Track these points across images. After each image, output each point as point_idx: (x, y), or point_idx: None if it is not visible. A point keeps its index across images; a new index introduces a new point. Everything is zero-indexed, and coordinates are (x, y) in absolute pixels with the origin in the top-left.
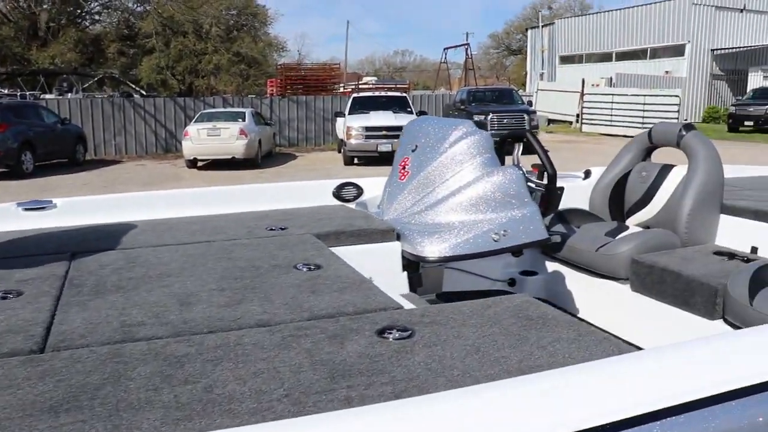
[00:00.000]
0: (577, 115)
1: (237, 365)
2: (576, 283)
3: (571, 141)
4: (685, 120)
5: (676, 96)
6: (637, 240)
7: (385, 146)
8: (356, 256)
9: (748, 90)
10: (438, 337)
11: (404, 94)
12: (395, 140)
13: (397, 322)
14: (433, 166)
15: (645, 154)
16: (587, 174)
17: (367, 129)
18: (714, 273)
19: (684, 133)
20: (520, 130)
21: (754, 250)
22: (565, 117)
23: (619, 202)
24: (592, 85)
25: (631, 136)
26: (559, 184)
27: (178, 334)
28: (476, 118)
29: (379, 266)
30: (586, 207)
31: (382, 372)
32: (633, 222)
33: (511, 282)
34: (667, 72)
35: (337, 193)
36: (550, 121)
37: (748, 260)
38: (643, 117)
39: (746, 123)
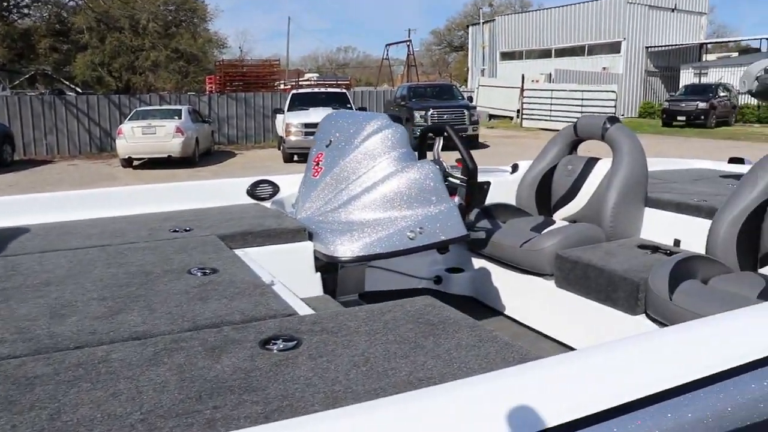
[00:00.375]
0: (518, 111)
1: (95, 386)
2: (502, 279)
3: (512, 136)
4: (622, 115)
5: (613, 91)
6: (562, 235)
7: None
8: (265, 258)
9: (680, 86)
10: (326, 347)
11: (344, 91)
12: None
13: (285, 330)
14: (346, 162)
15: (571, 148)
16: (515, 168)
17: (306, 126)
18: (636, 267)
19: (608, 126)
20: (440, 125)
21: (676, 242)
22: (506, 112)
23: (545, 196)
24: (532, 81)
25: None
26: (486, 178)
27: (39, 351)
28: (416, 114)
29: (290, 267)
30: (513, 202)
31: (256, 389)
32: (560, 216)
33: (437, 280)
34: (604, 68)
35: (252, 192)
36: (491, 117)
37: (670, 253)
38: (581, 112)
39: (679, 118)
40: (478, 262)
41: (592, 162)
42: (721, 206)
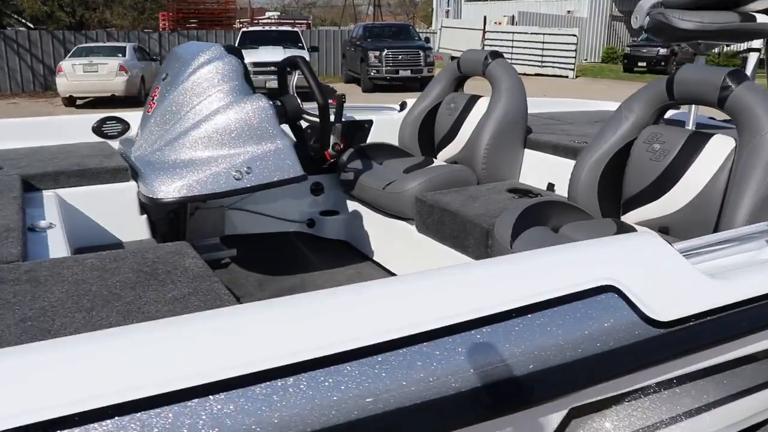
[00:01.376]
0: None
1: None
2: (371, 223)
3: (472, 79)
4: (585, 60)
5: (574, 35)
6: (426, 177)
7: (273, 82)
8: (81, 199)
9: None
10: (10, 296)
11: (296, 30)
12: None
13: None
14: (174, 96)
15: (456, 84)
16: (403, 106)
17: (255, 65)
18: (492, 213)
19: (490, 61)
20: (293, 57)
21: (550, 186)
22: None
23: (429, 136)
24: (495, 23)
25: (532, 75)
26: (370, 117)
27: None
28: (371, 54)
29: (110, 209)
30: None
31: None
32: (443, 158)
33: (311, 223)
34: (568, 11)
35: (98, 129)
36: (453, 59)
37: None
38: (542, 56)
39: (640, 64)
40: (352, 205)
41: (474, 100)
42: (584, 149)
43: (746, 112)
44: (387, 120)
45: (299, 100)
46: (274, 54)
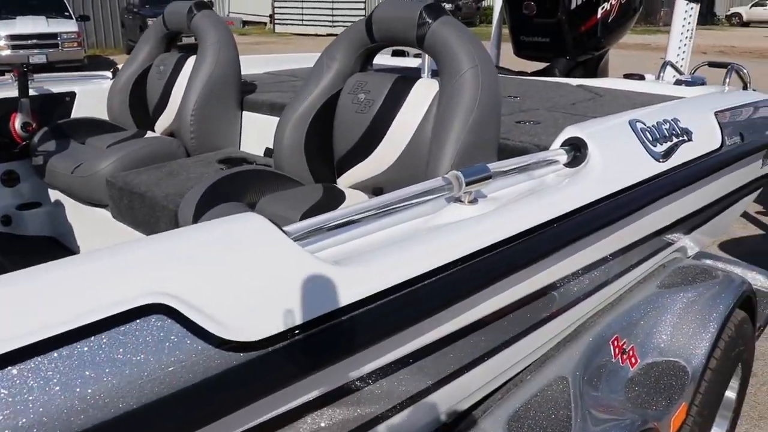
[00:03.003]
0: (270, 16)
1: None
2: (72, 213)
3: (262, 42)
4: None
5: None
6: (119, 155)
7: (39, 57)
8: None
9: None
10: None
11: None
12: (51, 50)
13: None
14: None
15: (166, 44)
16: (115, 73)
17: (13, 38)
18: (187, 191)
19: (194, 12)
20: None
21: (268, 152)
22: (259, 18)
23: (142, 105)
24: None
25: (323, 35)
26: (72, 88)
27: None
28: (149, 21)
29: None
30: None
31: None
32: (160, 129)
33: (5, 220)
34: None
35: None
36: (245, 23)
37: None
38: (332, 15)
39: None
40: (55, 195)
41: (184, 60)
42: (287, 105)
43: (444, 50)
44: (96, 90)
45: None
46: (36, 25)
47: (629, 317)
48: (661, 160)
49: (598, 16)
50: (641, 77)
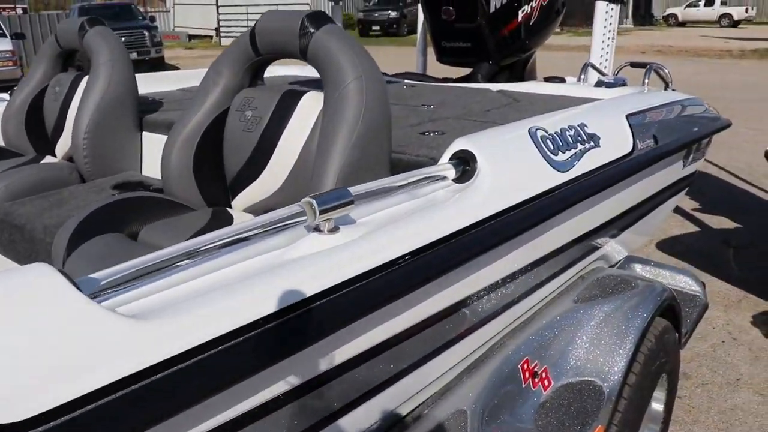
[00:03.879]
0: (216, 29)
1: None
2: None
3: (207, 56)
4: None
5: (307, 4)
6: (7, 182)
7: None
8: None
9: None
10: None
11: None
12: None
13: None
14: None
15: (62, 63)
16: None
17: None
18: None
19: (87, 29)
20: None
21: None
22: (205, 32)
23: (40, 128)
24: None
25: None
26: None
27: None
28: None
29: None
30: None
31: None
32: (60, 153)
33: None
34: None
35: None
36: (191, 37)
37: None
38: None
39: (374, 28)
40: None
41: (78, 80)
42: (173, 125)
43: (327, 60)
44: None
45: None
46: None
47: (542, 337)
48: (563, 169)
49: (519, 19)
50: (562, 80)
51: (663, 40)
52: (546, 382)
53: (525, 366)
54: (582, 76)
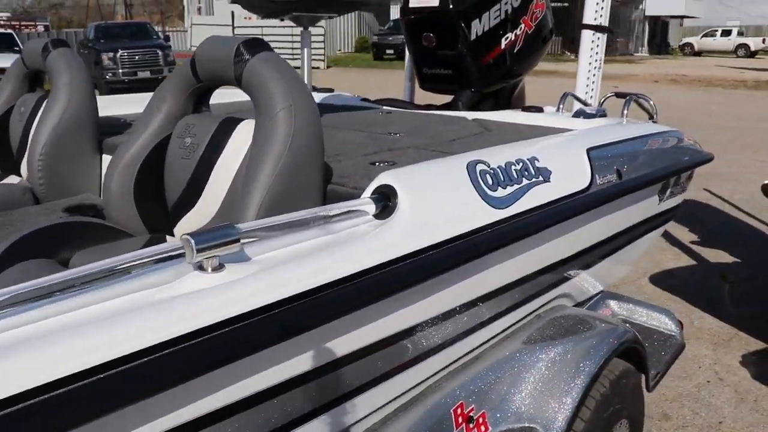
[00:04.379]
0: None
1: None
2: None
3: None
4: (339, 51)
5: (321, 27)
6: None
7: None
8: None
9: (390, 20)
10: None
11: (9, 32)
12: None
13: None
14: None
15: (29, 83)
16: None
17: None
18: None
19: (50, 50)
20: None
21: None
22: None
23: (5, 148)
24: (245, 18)
25: None
26: None
27: None
28: (104, 56)
29: None
30: None
31: None
32: (24, 174)
33: None
34: None
35: None
36: None
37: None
38: (292, 49)
39: (388, 51)
40: None
41: (42, 100)
42: (116, 151)
43: (259, 87)
44: None
45: None
46: None
47: (483, 379)
48: (500, 206)
49: (503, 46)
50: (540, 109)
51: (677, 69)
52: (483, 428)
53: (459, 410)
54: (561, 106)
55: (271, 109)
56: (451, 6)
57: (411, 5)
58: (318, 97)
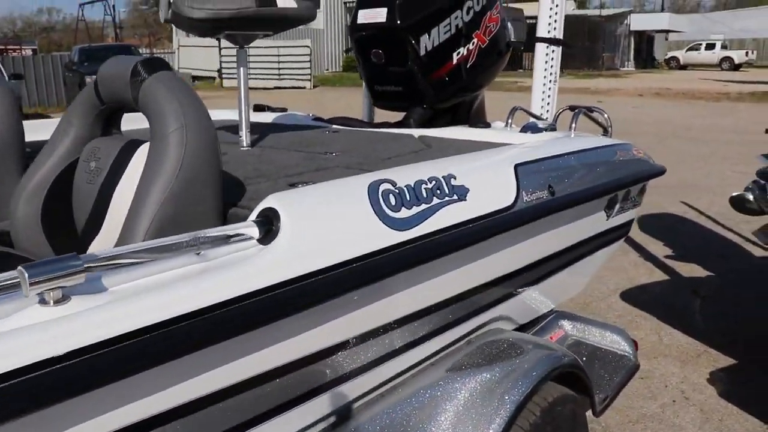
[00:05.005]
0: (218, 71)
1: None
2: None
3: (210, 97)
4: (326, 70)
5: (307, 47)
6: None
7: None
8: None
9: None
10: None
11: None
12: None
13: None
14: None
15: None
16: None
17: None
18: None
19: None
20: None
21: None
22: (208, 73)
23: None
24: None
25: (271, 89)
26: None
27: None
28: (87, 79)
29: None
30: None
31: None
32: None
33: None
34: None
35: None
36: (194, 78)
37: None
38: (279, 69)
39: None
40: None
41: None
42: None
43: (154, 108)
44: None
45: None
46: None
47: (397, 411)
48: (402, 227)
49: (454, 61)
50: (487, 125)
51: (662, 82)
52: None
53: None
54: (509, 121)
55: (163, 131)
56: (398, 21)
57: (359, 21)
58: (270, 116)
